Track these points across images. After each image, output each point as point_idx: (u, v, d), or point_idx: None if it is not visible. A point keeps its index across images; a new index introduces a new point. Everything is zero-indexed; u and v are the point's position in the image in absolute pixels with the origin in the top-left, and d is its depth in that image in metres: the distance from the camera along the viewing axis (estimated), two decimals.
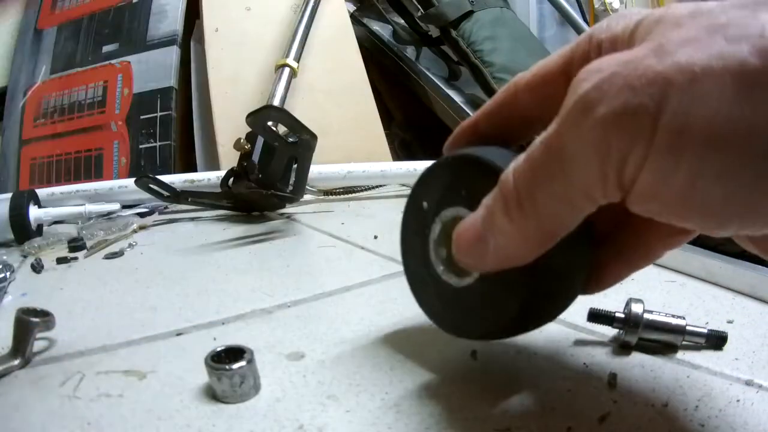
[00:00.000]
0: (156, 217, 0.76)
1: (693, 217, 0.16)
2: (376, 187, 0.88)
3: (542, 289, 0.21)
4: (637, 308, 0.27)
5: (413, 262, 0.27)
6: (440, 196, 0.24)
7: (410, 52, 1.23)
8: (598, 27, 0.19)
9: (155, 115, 0.98)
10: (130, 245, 0.58)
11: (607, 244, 0.23)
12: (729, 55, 0.14)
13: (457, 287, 0.24)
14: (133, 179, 0.64)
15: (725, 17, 0.15)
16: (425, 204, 0.25)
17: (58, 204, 0.72)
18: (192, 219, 0.73)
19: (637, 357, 0.27)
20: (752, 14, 0.15)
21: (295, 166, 0.64)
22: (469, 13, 1.05)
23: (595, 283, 0.24)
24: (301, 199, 0.68)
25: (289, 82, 0.85)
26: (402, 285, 0.28)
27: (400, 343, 0.30)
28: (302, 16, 0.95)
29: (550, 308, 0.24)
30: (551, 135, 0.17)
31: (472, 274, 0.23)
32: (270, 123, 0.59)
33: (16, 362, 0.29)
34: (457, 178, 0.24)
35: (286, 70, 0.86)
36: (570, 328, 0.31)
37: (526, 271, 0.20)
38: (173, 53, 1.00)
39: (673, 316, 0.27)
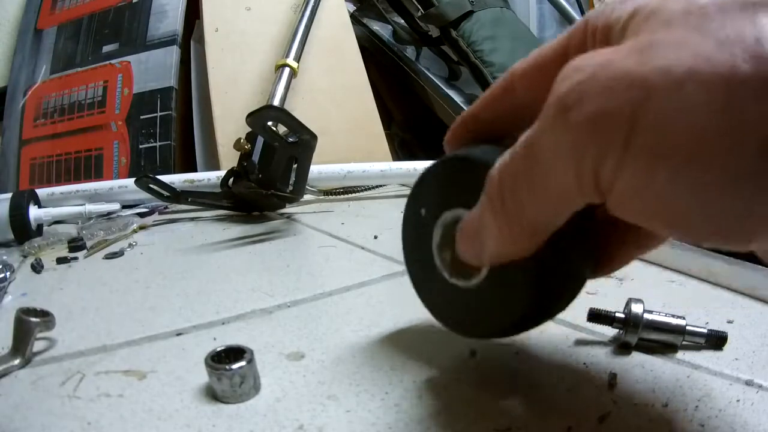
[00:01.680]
0: (156, 217, 0.76)
1: (672, 230, 0.16)
2: (376, 187, 0.88)
3: (547, 282, 0.21)
4: (637, 308, 0.27)
5: (419, 270, 0.27)
6: (438, 201, 0.24)
7: (410, 52, 1.23)
8: (593, 13, 0.19)
9: (155, 115, 0.98)
10: (130, 245, 0.58)
11: (613, 227, 0.22)
12: (718, 60, 0.13)
13: (464, 288, 0.24)
14: (133, 179, 0.64)
15: (720, 18, 0.14)
16: (423, 211, 0.25)
17: (58, 204, 0.72)
18: (192, 219, 0.73)
19: (637, 357, 0.27)
20: (751, 17, 0.14)
21: (295, 166, 0.64)
22: (469, 13, 1.05)
23: (604, 267, 0.23)
24: (301, 199, 0.68)
25: (289, 82, 0.85)
26: (402, 285, 0.28)
27: (400, 343, 0.30)
28: (302, 16, 0.95)
29: (558, 299, 0.24)
30: (532, 134, 0.17)
31: (478, 274, 0.23)
32: (270, 123, 0.59)
33: (16, 362, 0.29)
34: (452, 180, 0.24)
35: (286, 70, 0.86)
36: (570, 328, 0.31)
37: (529, 265, 0.20)
38: (173, 53, 1.00)
39: (673, 316, 0.27)
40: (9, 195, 0.62)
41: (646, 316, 0.27)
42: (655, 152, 0.14)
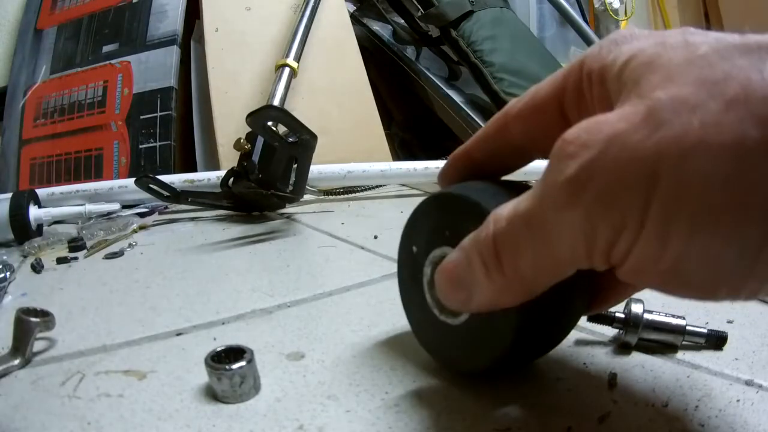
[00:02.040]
0: (156, 217, 0.76)
1: (680, 293, 0.16)
2: (376, 187, 0.88)
3: (535, 321, 0.21)
4: (637, 308, 0.27)
5: (412, 307, 0.27)
6: (428, 238, 0.24)
7: (410, 52, 1.23)
8: (590, 54, 0.18)
9: (155, 115, 0.98)
10: (130, 245, 0.58)
11: (607, 273, 0.23)
12: (726, 126, 0.13)
13: (453, 326, 0.24)
14: (133, 179, 0.64)
15: (724, 68, 0.14)
16: (414, 248, 0.25)
17: (58, 204, 0.72)
18: (192, 219, 0.73)
19: (637, 357, 0.27)
20: (757, 65, 0.13)
21: (295, 166, 0.64)
22: (469, 13, 1.05)
23: (597, 305, 0.24)
24: (301, 199, 0.68)
25: (289, 82, 0.85)
26: None
27: (400, 343, 0.30)
28: (302, 16, 0.95)
29: (548, 335, 0.24)
30: (535, 206, 0.17)
31: (463, 313, 0.23)
32: (270, 123, 0.59)
33: (16, 362, 0.29)
34: (440, 218, 0.24)
35: (286, 70, 0.86)
36: None
37: (512, 311, 0.20)
38: (173, 53, 1.00)
39: (673, 316, 0.27)
40: (9, 195, 0.62)
41: (646, 316, 0.27)
42: (671, 223, 0.14)
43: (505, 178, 0.25)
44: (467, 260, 0.19)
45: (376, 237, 0.55)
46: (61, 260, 0.53)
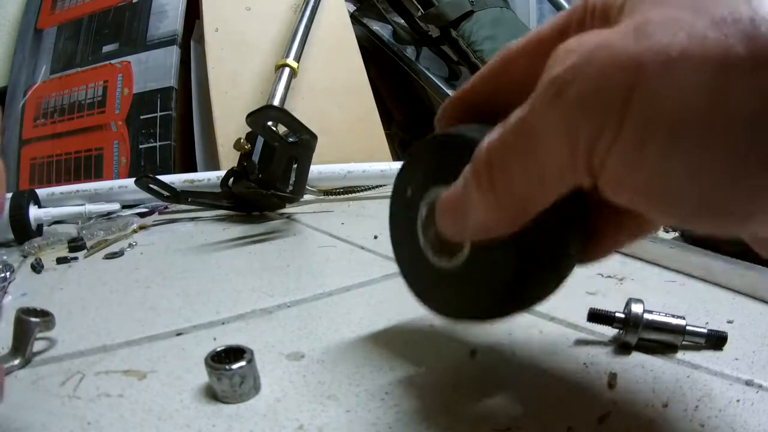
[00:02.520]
0: (156, 217, 0.76)
1: (663, 211, 0.16)
2: (376, 187, 0.88)
3: (530, 261, 0.21)
4: (637, 308, 0.27)
5: (405, 252, 0.27)
6: (423, 179, 0.24)
7: (410, 52, 1.23)
8: None
9: (155, 115, 0.98)
10: (130, 245, 0.58)
11: (601, 212, 0.22)
12: (712, 40, 0.13)
13: (449, 268, 0.23)
14: (133, 179, 0.64)
15: None
16: (409, 190, 0.25)
17: (58, 204, 0.72)
18: (192, 219, 0.73)
19: (637, 357, 0.27)
20: None
21: (295, 166, 0.64)
22: (469, 13, 1.06)
23: (591, 252, 0.23)
24: (301, 199, 0.68)
25: (289, 82, 0.85)
26: (402, 285, 0.28)
27: (400, 343, 0.30)
28: (302, 16, 0.95)
29: (543, 281, 0.23)
30: (524, 113, 0.17)
31: (461, 252, 0.23)
32: (270, 123, 0.59)
33: (16, 362, 0.29)
34: (437, 158, 0.23)
35: (286, 70, 0.86)
36: (570, 328, 0.31)
37: (512, 242, 0.20)
38: (173, 53, 1.00)
39: (673, 316, 0.27)
40: (9, 195, 0.62)
41: (646, 316, 0.27)
42: (647, 130, 0.14)
43: None
44: (463, 185, 0.19)
45: (376, 237, 0.55)
46: (61, 260, 0.53)
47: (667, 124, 0.14)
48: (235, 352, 0.26)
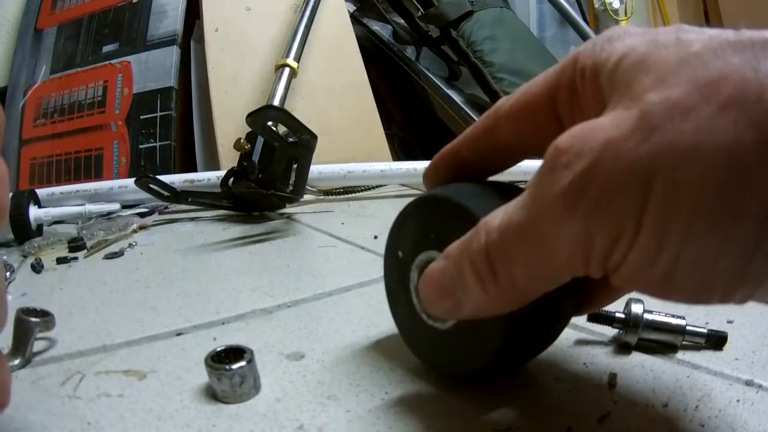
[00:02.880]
0: (156, 217, 0.76)
1: (674, 298, 0.16)
2: (376, 187, 0.88)
3: (524, 325, 0.21)
4: (637, 308, 0.27)
5: (400, 311, 0.27)
6: (413, 242, 0.24)
7: (410, 52, 1.23)
8: (583, 50, 0.18)
9: (155, 115, 0.98)
10: (130, 245, 0.58)
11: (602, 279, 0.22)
12: (720, 129, 0.13)
13: (441, 330, 0.23)
14: (133, 179, 0.64)
15: (718, 67, 0.13)
16: (400, 253, 0.25)
17: (58, 204, 0.72)
18: (192, 219, 0.73)
19: (637, 357, 0.27)
20: (751, 63, 0.13)
21: (295, 166, 0.64)
22: (469, 13, 1.05)
23: (588, 305, 0.23)
24: (301, 199, 0.68)
25: (289, 82, 0.85)
26: None
27: (400, 343, 0.30)
28: (302, 16, 0.95)
29: (538, 338, 0.24)
30: (529, 219, 0.16)
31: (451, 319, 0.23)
32: (270, 123, 0.59)
33: (16, 362, 0.29)
34: (426, 221, 0.23)
35: (286, 70, 0.86)
36: (570, 328, 0.31)
37: (505, 316, 0.19)
38: (173, 53, 1.00)
39: (673, 316, 0.27)
40: (9, 195, 0.62)
41: (646, 316, 0.27)
42: (663, 234, 0.14)
43: (492, 178, 0.24)
44: (456, 270, 0.19)
45: (376, 237, 0.55)
46: (61, 260, 0.53)
47: (683, 221, 0.14)
48: (235, 352, 0.26)
